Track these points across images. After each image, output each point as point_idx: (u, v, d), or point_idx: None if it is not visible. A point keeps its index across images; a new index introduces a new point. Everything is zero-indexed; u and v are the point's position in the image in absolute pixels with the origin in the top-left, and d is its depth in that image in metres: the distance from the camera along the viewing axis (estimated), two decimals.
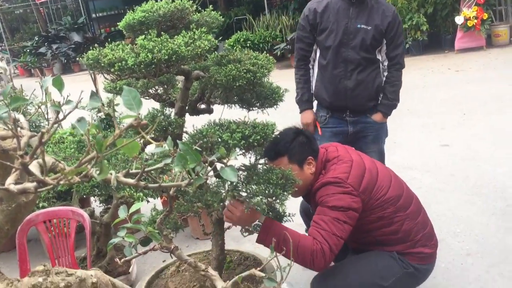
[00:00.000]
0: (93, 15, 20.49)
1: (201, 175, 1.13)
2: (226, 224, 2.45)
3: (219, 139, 2.05)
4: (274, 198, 2.13)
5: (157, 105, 2.45)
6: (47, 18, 22.43)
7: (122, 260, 1.58)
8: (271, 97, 2.44)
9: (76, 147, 2.20)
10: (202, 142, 2.04)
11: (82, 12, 20.12)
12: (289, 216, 2.52)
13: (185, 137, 2.23)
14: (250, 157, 2.61)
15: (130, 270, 3.33)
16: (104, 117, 3.75)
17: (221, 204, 2.17)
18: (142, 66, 1.87)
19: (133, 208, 1.68)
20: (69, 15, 21.07)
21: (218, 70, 2.21)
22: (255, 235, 2.34)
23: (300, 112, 3.43)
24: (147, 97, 2.47)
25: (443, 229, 3.75)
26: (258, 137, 2.10)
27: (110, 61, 1.90)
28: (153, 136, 2.11)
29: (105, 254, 3.34)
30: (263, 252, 3.46)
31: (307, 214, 2.92)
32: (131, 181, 1.15)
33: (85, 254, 3.48)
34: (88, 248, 2.75)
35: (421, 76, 9.73)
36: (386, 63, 3.31)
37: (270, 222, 2.29)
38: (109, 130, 3.58)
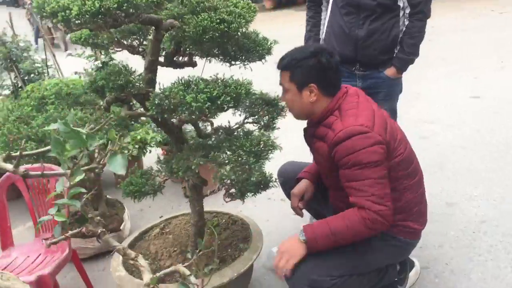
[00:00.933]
0: None
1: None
2: (206, 190, 2.25)
3: (182, 101, 1.81)
4: (246, 167, 1.90)
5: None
6: None
7: (49, 242, 1.40)
8: (254, 50, 2.16)
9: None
10: (164, 104, 1.81)
11: None
12: (275, 181, 2.29)
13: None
14: (240, 114, 2.38)
15: (121, 227, 3.21)
16: (101, 65, 3.54)
17: (190, 171, 1.95)
18: (87, 16, 1.62)
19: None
20: None
21: (189, 20, 1.93)
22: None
23: None
24: (119, 50, 2.23)
25: (458, 191, 3.46)
26: (228, 98, 1.84)
27: (53, 10, 1.65)
28: (112, 96, 1.89)
29: (96, 209, 3.23)
30: (257, 214, 3.32)
31: (287, 184, 2.67)
32: (9, 166, 0.93)
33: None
34: (67, 208, 2.61)
35: (460, 18, 9.04)
36: (408, 11, 2.88)
37: (309, 227, 2.06)
38: None
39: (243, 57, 2.18)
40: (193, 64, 2.30)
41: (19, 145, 1.64)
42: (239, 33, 2.02)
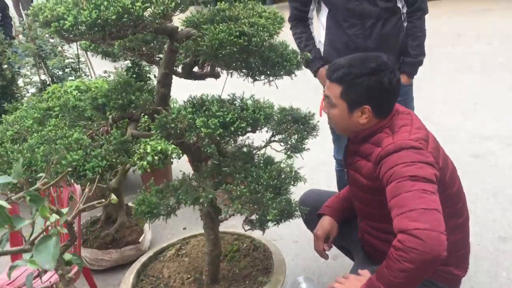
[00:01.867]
0: None
1: None
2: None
3: (191, 125, 1.57)
4: (263, 202, 1.65)
5: None
6: None
7: None
8: (281, 65, 1.90)
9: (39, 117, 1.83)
10: (169, 128, 1.58)
11: None
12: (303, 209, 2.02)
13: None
14: (266, 131, 2.14)
15: (140, 239, 3.04)
16: (131, 65, 3.36)
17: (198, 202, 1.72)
18: (83, 28, 1.41)
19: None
20: None
21: (206, 31, 1.69)
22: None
23: (314, 74, 2.78)
24: (133, 58, 2.02)
25: None
26: (244, 124, 1.59)
27: (46, 19, 1.45)
28: (114, 115, 1.68)
29: (115, 220, 3.07)
30: (285, 233, 3.06)
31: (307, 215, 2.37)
32: None
33: (95, 217, 3.25)
34: (79, 221, 2.46)
35: None
36: (405, 10, 2.63)
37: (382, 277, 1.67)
38: (137, 79, 3.22)
39: (268, 72, 1.92)
40: (216, 75, 2.06)
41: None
42: (263, 47, 1.76)
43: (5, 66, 3.72)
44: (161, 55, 2.04)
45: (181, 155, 3.23)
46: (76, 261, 1.33)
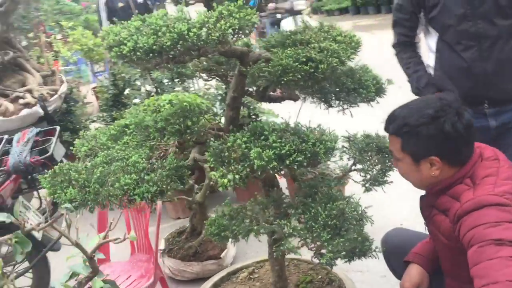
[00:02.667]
0: None
1: None
2: None
3: (246, 155, 1.50)
4: (317, 244, 1.52)
5: None
6: None
7: None
8: (356, 92, 1.76)
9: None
10: (223, 157, 1.52)
11: None
12: (375, 251, 1.85)
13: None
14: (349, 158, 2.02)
15: (222, 255, 3.03)
16: None
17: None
18: (140, 53, 1.41)
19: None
20: None
21: (274, 55, 1.62)
22: None
23: None
24: (208, 79, 2.01)
25: None
26: (300, 158, 1.47)
27: (109, 43, 1.48)
28: (170, 140, 1.67)
29: (200, 232, 3.10)
30: (372, 265, 2.82)
31: (391, 256, 2.14)
32: None
33: (181, 228, 3.32)
34: (157, 232, 2.51)
35: None
36: None
37: None
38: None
39: (343, 99, 1.79)
40: (294, 98, 1.97)
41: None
42: (333, 73, 1.63)
43: (119, 76, 3.98)
44: None
45: None
46: None
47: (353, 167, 2.03)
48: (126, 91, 3.76)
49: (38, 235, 2.72)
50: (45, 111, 3.55)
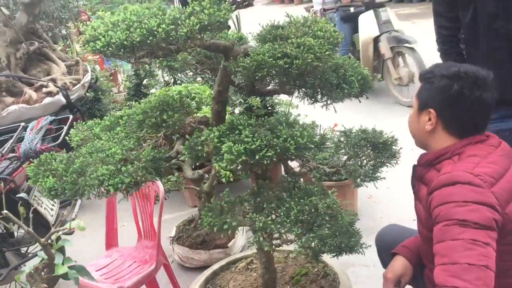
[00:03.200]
0: None
1: None
2: None
3: (219, 149, 1.52)
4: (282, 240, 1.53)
5: None
6: None
7: None
8: (339, 88, 1.75)
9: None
10: (197, 150, 1.55)
11: None
12: (362, 247, 1.84)
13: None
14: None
15: (229, 244, 3.08)
16: None
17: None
18: (112, 48, 1.45)
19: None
20: None
21: (252, 50, 1.63)
22: None
23: None
24: (200, 73, 2.03)
25: None
26: (270, 153, 1.48)
27: (86, 38, 1.53)
28: (150, 133, 1.71)
29: None
30: (367, 267, 2.80)
31: (383, 253, 2.13)
32: None
33: (192, 217, 3.37)
34: (159, 220, 2.57)
35: None
36: None
37: None
38: None
39: (326, 95, 1.78)
40: (287, 92, 1.97)
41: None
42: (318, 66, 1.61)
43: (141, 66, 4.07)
44: None
45: None
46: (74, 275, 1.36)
47: (348, 162, 2.02)
48: (145, 81, 3.84)
49: (51, 219, 2.86)
50: (67, 100, 3.68)
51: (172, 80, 3.70)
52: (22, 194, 2.54)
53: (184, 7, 1.51)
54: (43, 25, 5.76)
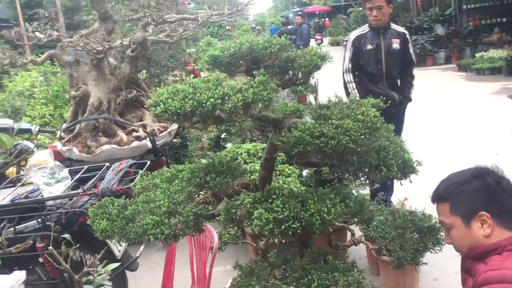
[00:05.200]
0: (464, 7, 19.31)
1: None
2: None
3: (251, 214, 1.65)
4: None
5: None
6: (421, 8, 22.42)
7: None
8: (378, 170, 1.82)
9: None
10: (231, 213, 1.69)
11: (452, 3, 19.21)
12: None
13: None
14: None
15: None
16: None
17: None
18: (169, 114, 1.66)
19: None
20: (438, 6, 20.45)
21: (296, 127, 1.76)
22: None
23: None
24: (255, 139, 2.20)
25: None
26: (296, 225, 1.57)
27: (151, 104, 1.76)
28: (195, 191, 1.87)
29: None
30: None
31: None
32: None
33: None
34: (210, 270, 2.71)
35: None
36: None
37: None
38: None
39: (364, 175, 1.85)
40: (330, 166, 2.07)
41: None
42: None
43: None
44: None
45: None
46: None
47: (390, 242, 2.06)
48: (223, 135, 4.09)
49: (117, 253, 3.11)
50: (153, 145, 4.03)
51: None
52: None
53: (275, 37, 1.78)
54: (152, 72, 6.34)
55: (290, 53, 1.86)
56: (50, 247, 1.48)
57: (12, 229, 2.85)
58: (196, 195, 2.03)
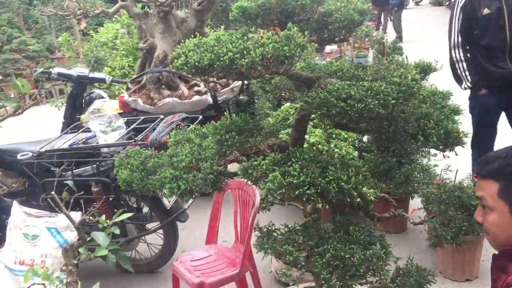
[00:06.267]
0: None
1: None
2: None
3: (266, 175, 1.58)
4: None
5: None
6: None
7: None
8: (415, 139, 1.67)
9: None
10: (248, 173, 1.63)
11: None
12: None
13: None
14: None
15: None
16: None
17: None
18: (187, 67, 1.60)
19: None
20: None
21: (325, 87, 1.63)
22: None
23: None
24: (291, 98, 2.10)
25: None
26: (310, 191, 1.47)
27: (174, 56, 1.70)
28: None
29: None
30: None
31: None
32: None
33: None
34: (251, 228, 2.68)
35: None
36: None
37: None
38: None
39: (398, 145, 1.69)
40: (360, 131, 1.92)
41: None
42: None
43: None
44: None
45: None
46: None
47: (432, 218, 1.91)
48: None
49: (167, 204, 3.18)
50: (214, 100, 4.02)
51: None
52: None
53: None
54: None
55: (326, 7, 1.71)
56: (53, 192, 1.51)
57: (70, 172, 3.00)
58: (226, 152, 1.99)
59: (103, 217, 1.60)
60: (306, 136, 2.89)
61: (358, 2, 1.73)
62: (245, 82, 4.54)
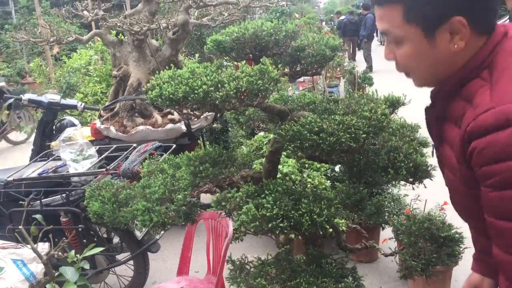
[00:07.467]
0: None
1: None
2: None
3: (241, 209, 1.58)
4: None
5: None
6: None
7: None
8: (385, 172, 1.69)
9: None
10: (222, 205, 1.62)
11: None
12: None
13: None
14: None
15: None
16: None
17: None
18: (162, 99, 1.60)
19: None
20: None
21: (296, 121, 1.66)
22: None
23: None
24: (264, 130, 2.11)
25: None
26: (284, 224, 1.48)
27: (147, 88, 1.70)
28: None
29: None
30: None
31: None
32: None
33: None
34: (223, 259, 2.66)
35: None
36: None
37: None
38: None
39: (369, 177, 1.72)
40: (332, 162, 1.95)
41: None
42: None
43: None
44: None
45: None
46: None
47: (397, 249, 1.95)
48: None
49: (138, 234, 3.13)
50: (188, 129, 4.01)
51: None
52: None
53: None
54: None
55: (299, 42, 1.75)
56: (21, 226, 1.47)
57: (38, 202, 2.94)
58: (199, 183, 1.98)
59: (73, 252, 1.56)
60: (280, 166, 2.92)
61: (330, 38, 1.77)
62: None
